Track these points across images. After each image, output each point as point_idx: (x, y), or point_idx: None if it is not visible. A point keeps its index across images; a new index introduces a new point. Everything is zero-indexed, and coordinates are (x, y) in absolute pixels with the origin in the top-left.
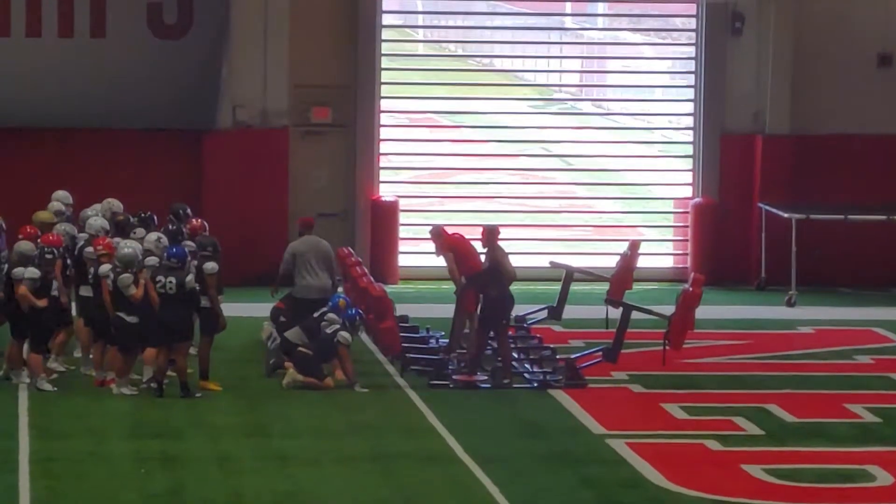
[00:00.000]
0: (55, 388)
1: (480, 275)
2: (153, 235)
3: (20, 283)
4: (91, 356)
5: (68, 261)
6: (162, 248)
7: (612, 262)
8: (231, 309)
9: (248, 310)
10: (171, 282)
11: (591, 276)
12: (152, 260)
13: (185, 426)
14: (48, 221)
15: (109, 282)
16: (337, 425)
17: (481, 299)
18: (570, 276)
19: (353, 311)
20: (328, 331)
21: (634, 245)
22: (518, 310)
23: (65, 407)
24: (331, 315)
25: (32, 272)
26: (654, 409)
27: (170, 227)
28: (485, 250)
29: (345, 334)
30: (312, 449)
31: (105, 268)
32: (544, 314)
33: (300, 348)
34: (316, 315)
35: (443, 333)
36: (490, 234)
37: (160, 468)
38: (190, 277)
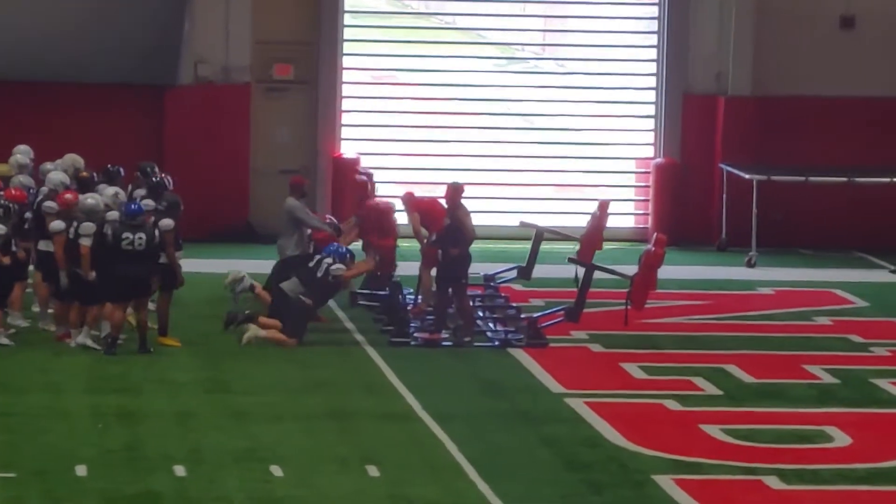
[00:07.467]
0: (13, 343)
1: (442, 233)
2: (111, 190)
3: None
4: (50, 311)
5: (27, 214)
6: (119, 203)
7: (575, 221)
8: (191, 265)
9: (208, 266)
10: (140, 237)
11: (560, 236)
12: (113, 214)
13: (144, 382)
14: (6, 174)
15: (63, 235)
16: (296, 382)
17: (440, 257)
18: (540, 235)
19: (344, 250)
20: (319, 274)
21: (604, 206)
22: (488, 269)
23: (22, 362)
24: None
25: (0, 228)
26: (614, 369)
27: (153, 179)
28: (448, 207)
29: (338, 265)
30: (271, 405)
31: (57, 224)
32: (513, 274)
33: (301, 297)
34: (311, 264)
35: (411, 290)
36: (454, 191)
37: (118, 424)
38: (157, 232)
